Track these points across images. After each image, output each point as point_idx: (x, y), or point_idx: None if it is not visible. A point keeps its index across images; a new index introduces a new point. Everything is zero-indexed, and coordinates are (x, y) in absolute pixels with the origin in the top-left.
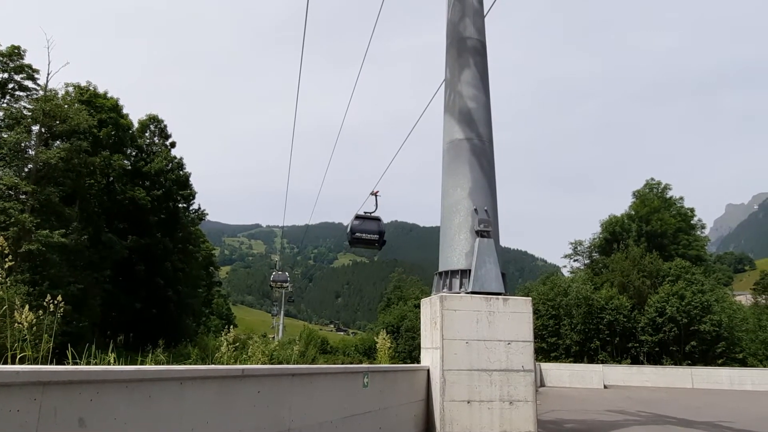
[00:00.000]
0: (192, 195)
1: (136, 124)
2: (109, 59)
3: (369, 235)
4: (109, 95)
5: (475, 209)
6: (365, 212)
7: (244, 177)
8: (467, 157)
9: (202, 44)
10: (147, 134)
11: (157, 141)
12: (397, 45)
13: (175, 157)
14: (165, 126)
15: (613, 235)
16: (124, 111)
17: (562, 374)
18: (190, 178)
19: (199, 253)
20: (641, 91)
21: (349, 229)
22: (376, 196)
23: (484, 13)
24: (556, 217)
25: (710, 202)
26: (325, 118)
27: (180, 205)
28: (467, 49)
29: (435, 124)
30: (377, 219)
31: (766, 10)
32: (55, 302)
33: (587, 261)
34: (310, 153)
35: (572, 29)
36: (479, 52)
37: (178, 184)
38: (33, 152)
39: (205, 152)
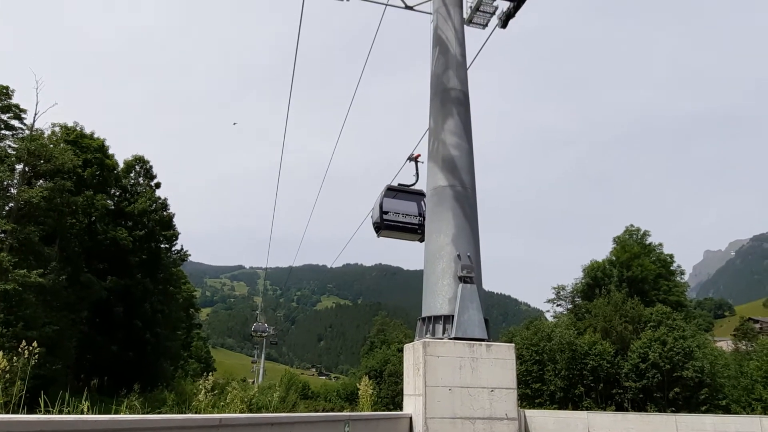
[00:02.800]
0: (175, 236)
1: (121, 165)
2: (98, 99)
3: (408, 216)
4: (96, 135)
5: (458, 255)
6: (400, 184)
7: (228, 217)
8: (450, 203)
9: (190, 85)
10: (132, 174)
11: (142, 181)
12: (385, 92)
13: (159, 198)
14: (150, 166)
15: (595, 280)
16: (111, 151)
17: (546, 421)
18: (174, 219)
19: (179, 294)
20: (619, 140)
21: (377, 209)
22: (416, 161)
23: (467, 66)
24: (539, 262)
25: (688, 249)
26: (311, 160)
27: (162, 246)
28: (450, 99)
29: (420, 169)
30: (420, 194)
31: (738, 61)
32: (30, 348)
33: (570, 306)
34: (294, 195)
35: (553, 80)
36: (462, 103)
37: (162, 224)
38: (15, 191)
39: (190, 192)
